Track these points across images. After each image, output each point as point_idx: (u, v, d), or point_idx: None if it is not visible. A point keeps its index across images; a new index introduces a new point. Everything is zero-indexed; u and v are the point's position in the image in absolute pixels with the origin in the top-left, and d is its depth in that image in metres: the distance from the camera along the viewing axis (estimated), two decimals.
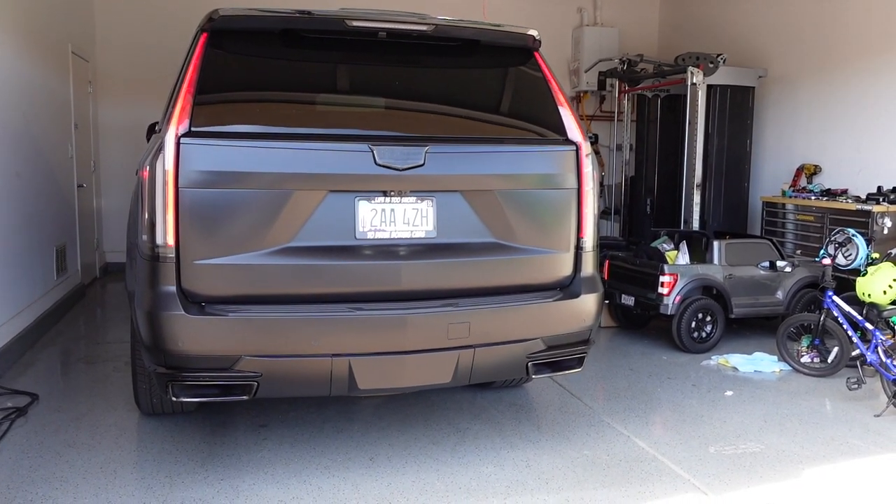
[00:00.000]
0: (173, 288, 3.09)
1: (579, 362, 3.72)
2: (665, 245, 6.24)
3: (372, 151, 3.22)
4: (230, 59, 3.33)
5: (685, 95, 7.68)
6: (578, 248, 3.66)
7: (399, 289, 3.31)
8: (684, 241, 6.20)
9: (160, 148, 3.06)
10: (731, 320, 6.01)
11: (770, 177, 8.20)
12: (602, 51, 9.73)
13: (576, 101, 10.45)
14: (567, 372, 3.74)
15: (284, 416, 4.20)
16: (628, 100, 9.40)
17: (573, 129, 3.62)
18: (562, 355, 3.63)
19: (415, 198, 3.34)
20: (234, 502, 3.24)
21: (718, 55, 7.36)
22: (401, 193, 3.30)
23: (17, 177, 5.56)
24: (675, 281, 5.76)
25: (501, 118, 3.71)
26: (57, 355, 5.61)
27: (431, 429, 4.10)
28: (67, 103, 7.22)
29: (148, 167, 3.09)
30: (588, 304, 3.64)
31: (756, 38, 8.37)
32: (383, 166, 3.23)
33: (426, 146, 3.29)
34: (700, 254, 6.20)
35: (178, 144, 3.05)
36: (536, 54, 3.73)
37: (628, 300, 6.13)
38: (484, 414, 4.35)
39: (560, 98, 3.66)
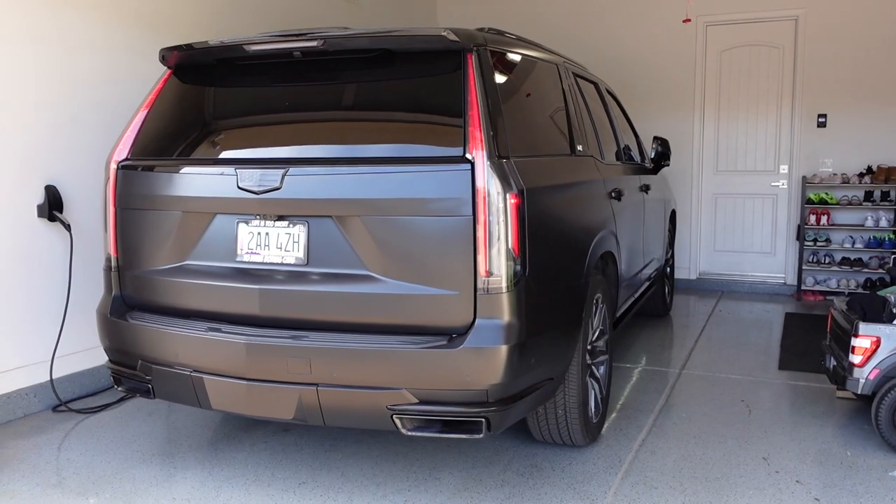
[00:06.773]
0: (112, 292, 3.64)
1: (478, 427, 3.03)
2: None
3: (236, 174, 3.24)
4: (176, 92, 3.69)
5: None
6: (476, 290, 2.99)
7: (259, 314, 3.25)
8: None
9: (107, 175, 3.64)
10: None
11: None
12: None
13: None
14: (464, 436, 3.07)
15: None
16: None
17: (473, 145, 2.97)
18: (444, 415, 3.03)
19: (287, 222, 3.23)
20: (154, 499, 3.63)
21: None
22: (266, 217, 3.24)
23: None
24: (876, 347, 3.96)
25: (390, 135, 3.21)
26: None
27: (425, 473, 3.78)
28: None
29: (103, 190, 3.70)
30: (475, 358, 2.95)
31: None
32: (243, 189, 3.23)
33: (285, 168, 3.15)
34: None
35: (116, 171, 3.59)
36: (469, 57, 3.16)
37: (831, 365, 4.42)
38: (487, 470, 3.78)
39: (473, 109, 3.03)
